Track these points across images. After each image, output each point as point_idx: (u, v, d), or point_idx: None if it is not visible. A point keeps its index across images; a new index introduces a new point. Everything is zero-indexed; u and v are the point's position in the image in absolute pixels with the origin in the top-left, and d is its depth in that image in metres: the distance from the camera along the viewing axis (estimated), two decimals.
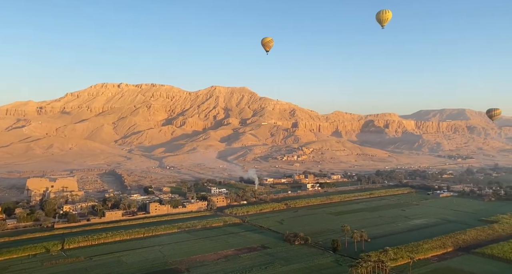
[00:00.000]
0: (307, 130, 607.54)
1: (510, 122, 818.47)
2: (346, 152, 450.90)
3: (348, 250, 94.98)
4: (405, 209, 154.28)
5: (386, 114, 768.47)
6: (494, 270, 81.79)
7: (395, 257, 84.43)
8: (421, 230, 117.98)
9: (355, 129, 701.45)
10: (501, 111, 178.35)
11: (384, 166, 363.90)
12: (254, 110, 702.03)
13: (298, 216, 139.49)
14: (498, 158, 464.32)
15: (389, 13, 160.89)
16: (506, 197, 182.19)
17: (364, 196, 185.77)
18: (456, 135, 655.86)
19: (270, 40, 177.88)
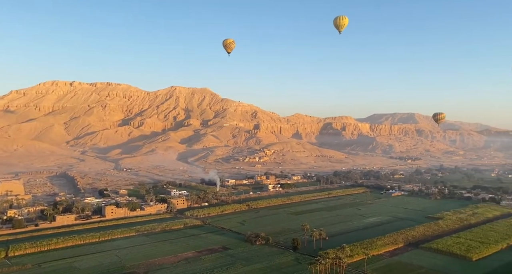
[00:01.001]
0: (269, 132, 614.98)
1: (453, 126, 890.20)
2: (306, 153, 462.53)
3: (308, 248, 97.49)
4: (361, 207, 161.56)
5: (343, 117, 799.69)
6: (439, 263, 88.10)
7: (351, 254, 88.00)
8: (375, 227, 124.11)
9: (314, 132, 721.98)
10: (445, 115, 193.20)
11: (341, 166, 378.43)
12: (215, 112, 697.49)
13: (259, 217, 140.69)
14: (443, 159, 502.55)
15: (346, 19, 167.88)
16: (450, 195, 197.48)
17: (323, 196, 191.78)
18: (406, 138, 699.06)
19: (232, 41, 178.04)
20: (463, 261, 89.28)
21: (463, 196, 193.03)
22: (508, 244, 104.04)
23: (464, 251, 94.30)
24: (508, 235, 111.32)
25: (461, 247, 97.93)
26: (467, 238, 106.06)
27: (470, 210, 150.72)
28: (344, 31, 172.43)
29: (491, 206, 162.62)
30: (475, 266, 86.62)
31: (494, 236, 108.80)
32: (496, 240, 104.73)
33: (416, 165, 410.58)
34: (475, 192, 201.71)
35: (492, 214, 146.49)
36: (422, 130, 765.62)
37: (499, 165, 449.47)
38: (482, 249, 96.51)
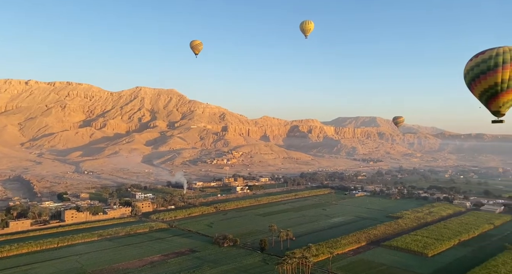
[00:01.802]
0: (237, 134, 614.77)
1: (411, 129, 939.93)
2: (274, 156, 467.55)
3: (275, 249, 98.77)
4: (326, 208, 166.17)
5: (310, 120, 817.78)
6: (398, 259, 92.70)
7: (317, 253, 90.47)
8: (340, 227, 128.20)
9: (282, 134, 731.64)
10: (404, 119, 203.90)
11: (308, 168, 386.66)
12: (183, 113, 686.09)
13: (227, 219, 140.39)
14: (402, 161, 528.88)
15: (311, 24, 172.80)
16: (408, 195, 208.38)
17: (290, 197, 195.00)
18: (369, 140, 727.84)
19: (199, 43, 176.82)
20: (420, 257, 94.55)
21: (420, 196, 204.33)
22: (459, 240, 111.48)
23: (421, 248, 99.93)
24: (460, 232, 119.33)
25: (418, 244, 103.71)
26: (423, 236, 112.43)
27: (426, 209, 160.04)
28: (310, 35, 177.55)
29: (445, 205, 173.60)
30: (431, 261, 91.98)
31: (447, 233, 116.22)
32: (449, 237, 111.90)
33: (377, 167, 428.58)
34: (431, 192, 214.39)
35: (446, 212, 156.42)
36: (383, 134, 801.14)
37: (452, 166, 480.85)
38: (437, 245, 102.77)
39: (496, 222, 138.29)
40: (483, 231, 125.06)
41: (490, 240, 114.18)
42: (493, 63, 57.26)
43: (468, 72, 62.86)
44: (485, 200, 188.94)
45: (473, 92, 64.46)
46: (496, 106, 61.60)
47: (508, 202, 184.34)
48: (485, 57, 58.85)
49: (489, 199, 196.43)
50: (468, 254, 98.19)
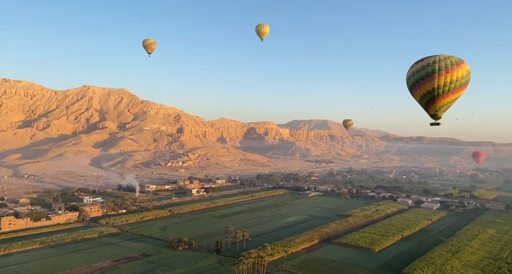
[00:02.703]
0: (193, 136, 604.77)
1: (359, 132, 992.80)
2: (231, 157, 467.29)
3: (231, 250, 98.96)
4: (281, 208, 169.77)
5: (266, 122, 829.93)
6: (348, 255, 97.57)
7: (272, 252, 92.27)
8: (294, 226, 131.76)
9: (238, 136, 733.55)
10: (353, 122, 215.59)
11: (264, 170, 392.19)
12: (135, 114, 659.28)
13: (182, 222, 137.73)
14: (351, 162, 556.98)
15: (267, 28, 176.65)
16: (357, 194, 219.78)
17: (246, 198, 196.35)
18: (321, 142, 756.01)
19: (152, 42, 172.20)
20: (368, 253, 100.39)
21: (368, 195, 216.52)
22: (402, 235, 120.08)
23: (368, 244, 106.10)
24: (403, 228, 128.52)
25: (366, 240, 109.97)
26: (371, 232, 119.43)
27: (373, 207, 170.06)
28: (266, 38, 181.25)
29: (390, 203, 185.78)
30: (377, 256, 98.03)
31: (392, 230, 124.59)
32: (393, 233, 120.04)
33: (329, 168, 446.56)
34: (377, 191, 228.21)
35: (390, 210, 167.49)
36: (334, 136, 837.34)
37: (396, 167, 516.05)
38: (382, 241, 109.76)
39: (434, 218, 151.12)
40: (422, 226, 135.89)
41: (428, 234, 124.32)
42: (431, 70, 63.00)
43: (409, 78, 68.49)
44: (425, 198, 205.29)
45: (414, 97, 70.32)
46: (434, 110, 67.82)
47: (444, 200, 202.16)
48: (424, 64, 64.58)
49: (428, 197, 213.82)
50: (409, 248, 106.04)
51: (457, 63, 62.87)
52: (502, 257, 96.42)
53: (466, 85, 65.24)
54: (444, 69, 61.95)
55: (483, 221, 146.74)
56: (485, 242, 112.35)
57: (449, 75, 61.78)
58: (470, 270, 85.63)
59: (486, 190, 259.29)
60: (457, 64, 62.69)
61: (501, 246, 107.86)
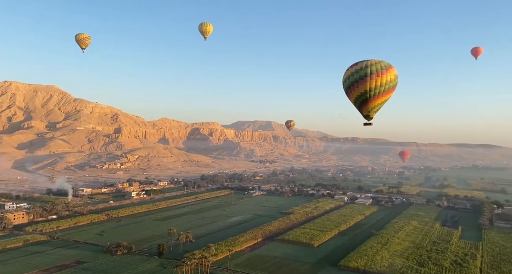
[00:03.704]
0: (132, 136, 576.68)
1: (301, 133, 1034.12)
2: (173, 159, 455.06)
3: (174, 252, 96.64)
4: (226, 208, 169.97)
5: (210, 123, 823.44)
6: (289, 251, 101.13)
7: (216, 252, 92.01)
8: (238, 226, 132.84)
9: (182, 137, 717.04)
10: (295, 123, 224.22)
11: (208, 171, 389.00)
12: (66, 113, 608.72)
13: (121, 226, 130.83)
14: (293, 162, 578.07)
15: (210, 26, 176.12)
16: (299, 192, 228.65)
17: (190, 199, 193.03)
18: (265, 143, 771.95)
19: (87, 37, 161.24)
20: (308, 248, 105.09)
21: (308, 192, 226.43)
22: (339, 230, 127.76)
23: (308, 239, 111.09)
24: (339, 223, 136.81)
25: (306, 236, 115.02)
26: (311, 228, 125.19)
27: (313, 204, 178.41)
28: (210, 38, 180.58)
29: (328, 200, 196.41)
30: (316, 251, 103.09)
31: (330, 225, 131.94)
32: (331, 228, 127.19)
33: (273, 167, 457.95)
34: (317, 189, 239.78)
35: (328, 206, 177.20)
36: (277, 137, 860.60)
37: (333, 166, 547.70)
38: (321, 236, 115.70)
39: (367, 213, 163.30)
40: (357, 221, 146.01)
41: (362, 228, 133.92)
42: (363, 74, 68.57)
43: (345, 80, 73.67)
44: (359, 195, 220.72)
45: (349, 98, 75.71)
46: (366, 111, 73.77)
47: (375, 195, 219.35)
48: (357, 68, 70.02)
49: (362, 193, 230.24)
50: (345, 242, 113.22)
51: (386, 68, 69.23)
52: (423, 246, 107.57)
53: (394, 88, 72.11)
54: (375, 73, 67.83)
55: (408, 214, 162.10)
56: (409, 233, 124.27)
57: (379, 78, 67.83)
58: (397, 259, 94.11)
59: (411, 186, 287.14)
60: (386, 69, 69.04)
61: (422, 236, 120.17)
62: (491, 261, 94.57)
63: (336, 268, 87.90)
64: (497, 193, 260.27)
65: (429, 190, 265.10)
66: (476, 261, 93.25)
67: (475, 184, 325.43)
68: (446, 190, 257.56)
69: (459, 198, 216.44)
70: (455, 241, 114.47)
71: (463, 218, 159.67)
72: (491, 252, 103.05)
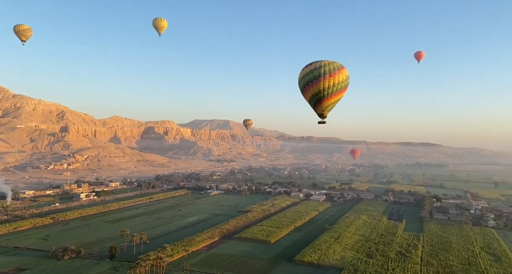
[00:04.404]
0: (80, 135, 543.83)
1: (258, 132, 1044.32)
2: (126, 159, 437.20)
3: (127, 254, 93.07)
4: (182, 209, 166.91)
5: (166, 121, 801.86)
6: (247, 249, 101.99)
7: (172, 253, 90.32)
8: (195, 225, 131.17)
9: (135, 136, 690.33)
10: (252, 122, 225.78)
11: (164, 170, 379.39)
12: (5, 110, 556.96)
13: (69, 229, 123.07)
14: (251, 161, 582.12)
15: (165, 22, 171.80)
16: (256, 191, 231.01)
17: (144, 200, 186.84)
18: (223, 142, 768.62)
19: (27, 28, 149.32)
20: (265, 245, 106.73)
21: (265, 191, 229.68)
22: (294, 226, 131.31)
23: (265, 236, 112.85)
24: (295, 219, 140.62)
25: (263, 233, 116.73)
26: (268, 225, 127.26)
27: (270, 202, 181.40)
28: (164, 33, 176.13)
29: (284, 197, 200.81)
30: (273, 247, 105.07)
31: (286, 221, 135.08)
32: (287, 224, 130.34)
33: (231, 167, 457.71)
34: (274, 187, 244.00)
35: (285, 203, 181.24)
36: (235, 136, 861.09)
37: (290, 164, 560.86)
38: (278, 233, 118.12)
39: (320, 209, 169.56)
40: (311, 217, 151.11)
41: (316, 224, 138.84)
42: (317, 74, 71.29)
43: (301, 80, 75.99)
44: (313, 191, 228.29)
45: (305, 97, 78.20)
46: (321, 110, 76.69)
47: (328, 192, 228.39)
48: (312, 68, 72.59)
49: (316, 190, 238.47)
50: (300, 237, 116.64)
51: (338, 68, 72.58)
52: (371, 239, 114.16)
53: (346, 88, 75.76)
54: (328, 74, 70.84)
55: (358, 209, 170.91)
56: (359, 227, 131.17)
57: (332, 78, 70.94)
58: (348, 252, 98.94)
59: (361, 183, 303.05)
60: (339, 70, 72.39)
61: (371, 230, 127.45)
62: (430, 250, 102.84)
63: (291, 263, 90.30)
64: (437, 187, 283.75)
65: (377, 186, 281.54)
66: (418, 251, 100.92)
67: (418, 179, 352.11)
68: (392, 186, 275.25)
69: (404, 193, 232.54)
70: (400, 233, 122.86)
71: (407, 211, 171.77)
72: (430, 242, 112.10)
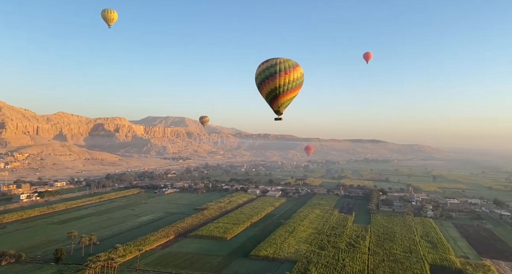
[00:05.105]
0: (20, 132, 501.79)
1: (215, 130, 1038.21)
2: (73, 157, 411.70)
3: (75, 257, 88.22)
4: (135, 208, 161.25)
5: (117, 118, 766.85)
6: (203, 246, 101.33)
7: (124, 253, 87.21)
8: (149, 225, 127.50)
9: (83, 133, 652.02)
10: (209, 119, 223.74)
11: (115, 169, 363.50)
12: None
13: (7, 233, 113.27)
14: (208, 158, 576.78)
15: (115, 14, 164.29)
16: (213, 188, 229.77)
17: (94, 200, 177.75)
18: (178, 140, 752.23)
19: None
20: (221, 241, 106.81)
21: (222, 188, 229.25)
22: (251, 222, 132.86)
23: (221, 233, 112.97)
24: (252, 215, 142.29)
25: (219, 230, 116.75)
26: (224, 222, 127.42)
27: (227, 199, 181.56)
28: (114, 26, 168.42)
29: (241, 194, 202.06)
30: (229, 243, 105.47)
31: (242, 218, 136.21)
32: (243, 220, 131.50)
33: (187, 164, 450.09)
34: (231, 184, 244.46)
35: (242, 200, 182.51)
36: (191, 133, 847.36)
37: (247, 161, 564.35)
38: (234, 229, 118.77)
39: (276, 204, 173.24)
40: (267, 212, 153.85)
41: (272, 219, 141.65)
42: (273, 71, 72.68)
43: (257, 77, 76.94)
44: (269, 188, 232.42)
45: (261, 94, 79.33)
46: (277, 106, 78.33)
47: (284, 188, 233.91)
48: (268, 65, 73.80)
49: (272, 186, 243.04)
50: (256, 233, 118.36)
51: (293, 66, 74.54)
52: (324, 231, 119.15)
53: (300, 86, 78.08)
54: (283, 71, 72.52)
55: (312, 203, 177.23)
56: (313, 220, 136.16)
57: (287, 76, 72.73)
58: (302, 244, 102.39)
59: (314, 178, 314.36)
60: (293, 67, 74.36)
61: (323, 223, 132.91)
62: (376, 241, 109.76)
63: (247, 258, 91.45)
64: (383, 182, 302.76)
65: (329, 181, 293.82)
66: (366, 241, 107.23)
67: (366, 174, 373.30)
68: (343, 181, 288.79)
69: (353, 187, 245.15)
70: (350, 225, 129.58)
71: (356, 204, 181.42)
72: (376, 233, 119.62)
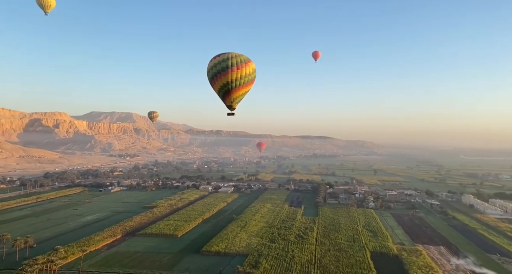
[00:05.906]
0: None
1: (165, 126, 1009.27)
2: (5, 155, 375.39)
3: (8, 261, 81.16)
4: (78, 207, 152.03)
5: (56, 113, 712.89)
6: (152, 244, 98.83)
7: (66, 255, 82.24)
8: (93, 224, 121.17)
9: (17, 129, 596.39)
10: (158, 114, 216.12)
11: (55, 167, 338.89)
12: None
13: None
14: (158, 155, 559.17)
15: (52, 0, 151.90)
16: (163, 186, 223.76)
17: (30, 201, 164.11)
18: (125, 136, 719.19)
19: None
20: (171, 239, 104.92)
21: (173, 185, 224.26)
22: (203, 218, 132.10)
23: (172, 231, 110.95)
24: (203, 211, 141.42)
25: (170, 227, 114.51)
26: (175, 220, 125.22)
27: (178, 196, 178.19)
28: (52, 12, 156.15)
29: (193, 191, 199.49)
30: (180, 240, 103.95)
31: (194, 214, 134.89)
32: (195, 217, 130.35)
33: (135, 162, 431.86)
34: (182, 181, 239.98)
35: (193, 197, 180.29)
36: (139, 129, 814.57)
37: (199, 158, 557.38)
38: (185, 226, 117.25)
39: (229, 200, 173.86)
40: (219, 208, 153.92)
41: (224, 214, 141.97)
42: (225, 65, 72.56)
43: (209, 71, 76.24)
44: (222, 184, 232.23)
45: (214, 89, 78.75)
46: (229, 101, 78.31)
47: (237, 184, 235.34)
48: (220, 60, 73.46)
49: (225, 182, 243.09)
50: (208, 229, 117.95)
51: (245, 61, 75.04)
52: (274, 225, 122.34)
53: (253, 81, 78.83)
54: (235, 66, 72.71)
55: (264, 198, 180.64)
56: (264, 214, 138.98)
57: (239, 71, 73.05)
58: (253, 238, 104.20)
59: (266, 173, 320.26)
60: (245, 62, 74.88)
61: (274, 216, 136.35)
62: (323, 231, 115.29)
63: (199, 254, 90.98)
64: (330, 176, 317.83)
65: (280, 176, 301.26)
66: (313, 233, 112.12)
67: (314, 169, 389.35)
68: (293, 176, 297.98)
69: (303, 181, 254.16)
70: (299, 218, 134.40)
71: (305, 198, 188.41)
72: (323, 224, 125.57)
